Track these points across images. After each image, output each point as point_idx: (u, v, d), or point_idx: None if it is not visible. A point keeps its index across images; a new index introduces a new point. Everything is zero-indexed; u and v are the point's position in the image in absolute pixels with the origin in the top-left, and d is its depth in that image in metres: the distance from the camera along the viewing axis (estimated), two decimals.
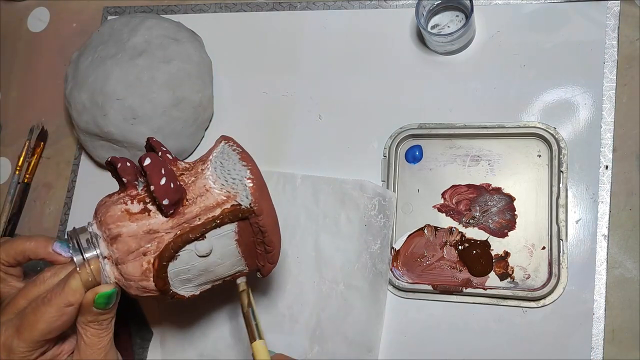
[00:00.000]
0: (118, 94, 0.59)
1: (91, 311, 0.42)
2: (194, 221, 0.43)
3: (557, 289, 0.52)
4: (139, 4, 0.72)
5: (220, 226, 0.44)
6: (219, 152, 0.47)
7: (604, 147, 0.54)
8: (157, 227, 0.43)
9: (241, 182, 0.44)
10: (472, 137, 0.57)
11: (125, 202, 0.44)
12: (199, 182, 0.45)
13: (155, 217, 0.43)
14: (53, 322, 0.41)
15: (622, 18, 0.56)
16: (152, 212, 0.43)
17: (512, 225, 0.55)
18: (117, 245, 0.43)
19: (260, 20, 0.67)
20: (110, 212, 0.43)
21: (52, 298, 0.41)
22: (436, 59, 0.60)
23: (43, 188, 0.70)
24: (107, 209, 0.44)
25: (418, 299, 0.55)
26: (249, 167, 0.45)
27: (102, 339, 0.44)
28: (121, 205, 0.44)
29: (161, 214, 0.43)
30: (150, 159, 0.43)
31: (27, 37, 0.77)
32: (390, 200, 0.57)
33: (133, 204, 0.44)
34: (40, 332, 0.41)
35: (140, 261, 0.43)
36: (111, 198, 0.45)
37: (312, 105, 0.63)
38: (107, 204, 0.44)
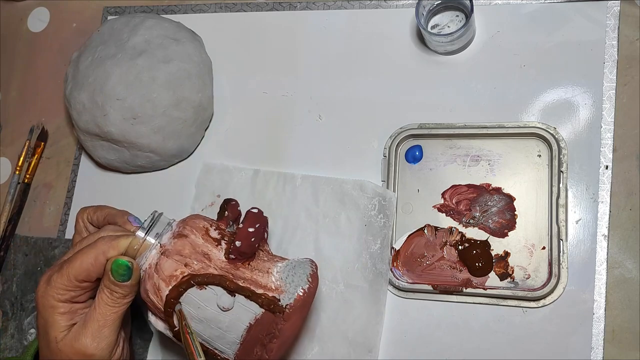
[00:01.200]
0: (118, 94, 0.59)
1: (108, 275, 0.46)
2: (239, 280, 0.46)
3: (557, 289, 0.52)
4: (139, 4, 0.72)
5: (252, 299, 0.46)
6: (298, 262, 0.49)
7: (604, 147, 0.54)
8: (214, 258, 0.47)
9: (294, 288, 0.46)
10: (472, 137, 0.57)
11: (212, 225, 0.49)
12: (268, 264, 0.48)
13: (220, 251, 0.47)
14: (87, 265, 0.46)
15: (622, 18, 0.56)
16: (220, 247, 0.47)
17: (512, 225, 0.55)
18: (177, 242, 0.47)
19: (260, 20, 0.67)
20: (197, 221, 0.48)
21: (97, 244, 0.46)
22: (436, 59, 0.60)
23: (43, 188, 0.70)
24: (197, 218, 0.49)
25: (418, 299, 0.55)
26: (310, 284, 0.47)
27: (110, 311, 0.46)
28: (207, 224, 0.49)
29: (224, 254, 0.47)
30: (259, 211, 0.49)
31: (27, 37, 0.77)
32: (391, 200, 0.57)
33: (215, 230, 0.49)
34: (76, 270, 0.46)
35: (178, 266, 0.46)
36: (205, 218, 0.50)
37: (312, 105, 0.63)
38: (200, 217, 0.49)
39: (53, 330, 0.46)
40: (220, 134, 0.65)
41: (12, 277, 0.67)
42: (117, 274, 0.46)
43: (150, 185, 0.65)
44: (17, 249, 0.68)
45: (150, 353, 0.60)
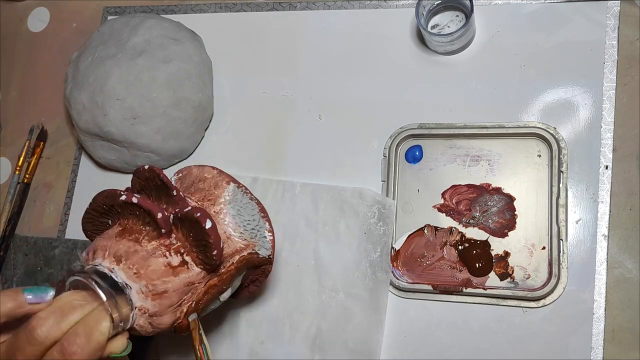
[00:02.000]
0: (118, 94, 0.59)
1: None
2: (219, 269, 0.44)
3: (557, 289, 0.52)
4: (139, 4, 0.72)
5: (240, 274, 0.46)
6: (231, 197, 0.46)
7: (604, 147, 0.54)
8: (194, 279, 0.43)
9: (261, 234, 0.46)
10: (472, 137, 0.57)
11: (164, 254, 0.42)
12: (220, 228, 0.44)
13: (192, 269, 0.43)
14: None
15: (622, 18, 0.56)
16: (189, 265, 0.43)
17: (512, 225, 0.55)
18: (161, 301, 0.41)
19: (260, 20, 0.67)
20: (153, 266, 0.41)
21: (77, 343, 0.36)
22: (436, 59, 0.60)
23: (43, 188, 0.70)
24: (146, 261, 0.41)
25: (418, 299, 0.55)
26: (267, 220, 0.46)
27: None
28: (162, 258, 0.42)
29: (196, 266, 0.43)
30: (211, 222, 0.41)
31: (27, 37, 0.77)
32: (390, 208, 0.57)
33: (171, 255, 0.42)
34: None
35: (175, 312, 0.43)
36: (143, 246, 0.42)
37: (312, 105, 0.63)
38: (144, 256, 0.41)
39: None
40: (220, 134, 0.65)
41: (12, 277, 0.67)
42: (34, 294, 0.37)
43: None
44: (17, 249, 0.68)
45: (150, 353, 0.60)
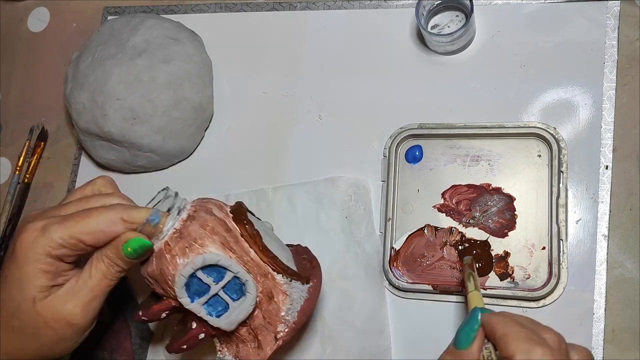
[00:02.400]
0: (118, 94, 0.59)
1: (117, 248, 0.42)
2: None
3: (557, 289, 0.52)
4: (139, 4, 0.72)
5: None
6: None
7: (604, 147, 0.54)
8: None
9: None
10: (472, 137, 0.57)
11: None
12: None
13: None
14: (99, 226, 0.42)
15: (622, 18, 0.56)
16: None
17: (512, 225, 0.55)
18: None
19: (260, 20, 0.67)
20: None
21: (114, 209, 0.43)
22: (436, 59, 0.60)
23: (43, 188, 0.70)
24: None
25: (418, 299, 0.55)
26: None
27: (106, 283, 0.43)
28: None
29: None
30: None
31: (27, 37, 0.77)
32: (365, 187, 0.58)
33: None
34: (84, 229, 0.41)
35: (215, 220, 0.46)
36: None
37: (312, 105, 0.63)
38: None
39: (31, 288, 0.42)
40: (220, 134, 0.65)
41: None
42: (134, 251, 0.43)
43: (150, 185, 0.65)
44: None
45: (150, 353, 0.60)
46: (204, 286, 0.44)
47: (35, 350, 0.43)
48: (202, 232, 0.44)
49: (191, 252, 0.43)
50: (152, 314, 0.45)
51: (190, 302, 0.44)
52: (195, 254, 0.43)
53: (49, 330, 0.43)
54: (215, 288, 0.44)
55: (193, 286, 0.44)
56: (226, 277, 0.44)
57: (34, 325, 0.42)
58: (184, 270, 0.43)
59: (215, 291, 0.44)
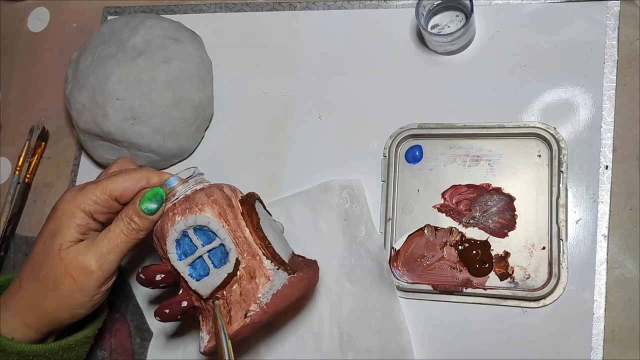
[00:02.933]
0: (118, 94, 0.59)
1: (134, 203, 0.48)
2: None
3: (557, 289, 0.52)
4: (139, 4, 0.72)
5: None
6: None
7: (604, 147, 0.54)
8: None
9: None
10: (472, 137, 0.57)
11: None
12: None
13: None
14: (127, 185, 0.49)
15: (622, 18, 0.56)
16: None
17: (512, 225, 0.55)
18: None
19: (260, 20, 0.67)
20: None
21: (141, 170, 0.50)
22: (436, 59, 0.60)
23: (43, 188, 0.70)
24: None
25: (418, 299, 0.55)
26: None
27: (123, 239, 0.48)
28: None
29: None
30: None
31: (27, 37, 0.77)
32: (358, 187, 0.58)
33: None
34: (114, 186, 0.49)
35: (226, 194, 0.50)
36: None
37: (312, 105, 0.63)
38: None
39: (61, 237, 0.48)
40: (220, 134, 0.65)
41: None
42: (148, 200, 0.48)
43: None
44: (17, 249, 0.68)
45: (150, 353, 0.60)
46: (193, 247, 0.47)
47: (56, 300, 0.48)
48: (205, 199, 0.48)
49: (190, 213, 0.47)
50: (149, 272, 0.49)
51: (177, 259, 0.47)
52: (192, 215, 0.47)
53: (68, 277, 0.47)
54: (202, 250, 0.47)
55: (183, 245, 0.48)
56: (214, 242, 0.47)
57: (56, 272, 0.47)
58: (177, 225, 0.47)
59: (201, 253, 0.47)
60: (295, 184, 0.61)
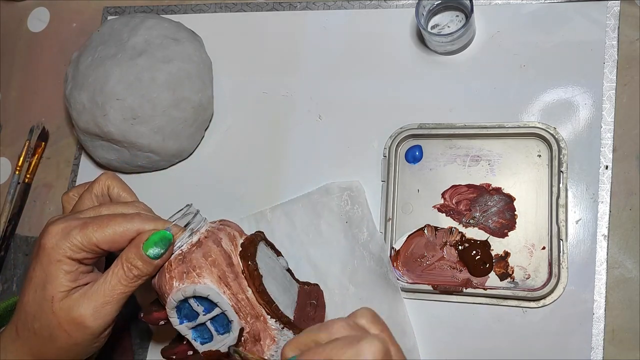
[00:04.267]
0: (118, 94, 0.59)
1: (137, 247, 0.43)
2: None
3: (557, 289, 0.52)
4: (139, 4, 0.72)
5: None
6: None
7: (604, 147, 0.54)
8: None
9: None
10: (472, 137, 0.57)
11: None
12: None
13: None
14: (118, 235, 0.43)
15: (622, 18, 0.56)
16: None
17: (512, 225, 0.55)
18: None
19: (260, 20, 0.67)
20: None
21: (134, 218, 0.44)
22: (436, 59, 0.60)
23: (43, 188, 0.70)
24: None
25: (418, 299, 0.55)
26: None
27: (121, 289, 0.44)
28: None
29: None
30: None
31: (27, 37, 0.77)
32: (358, 189, 0.58)
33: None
34: (103, 236, 0.43)
35: (230, 241, 0.46)
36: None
37: (312, 105, 0.63)
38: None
39: (52, 287, 0.43)
40: (220, 134, 0.65)
41: (12, 277, 0.67)
42: (155, 245, 0.43)
43: (150, 185, 0.65)
44: (17, 249, 0.68)
45: (150, 353, 0.60)
46: (194, 313, 0.45)
47: (54, 353, 0.44)
48: (203, 262, 0.44)
49: (187, 279, 0.44)
50: (151, 319, 0.47)
51: (178, 324, 0.45)
52: (190, 282, 0.44)
53: (63, 332, 0.44)
54: (203, 318, 0.45)
55: (184, 310, 0.45)
56: (215, 311, 0.45)
57: (50, 325, 0.44)
58: (175, 294, 0.44)
59: (203, 321, 0.45)
60: (295, 184, 0.61)
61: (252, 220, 0.61)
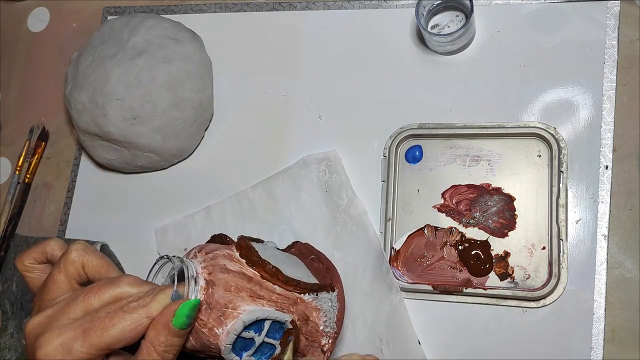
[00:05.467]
0: (118, 94, 0.59)
1: (167, 326, 0.38)
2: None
3: (557, 289, 0.52)
4: (139, 4, 0.72)
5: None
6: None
7: (604, 147, 0.54)
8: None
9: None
10: (472, 137, 0.57)
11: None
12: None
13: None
14: (128, 331, 0.37)
15: (622, 18, 0.56)
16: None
17: (512, 225, 0.55)
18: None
19: (260, 20, 0.67)
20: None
21: (136, 307, 0.38)
22: (436, 59, 0.60)
23: (43, 188, 0.70)
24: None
25: (418, 299, 0.55)
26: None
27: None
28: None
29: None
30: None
31: (27, 37, 0.77)
32: (335, 158, 0.59)
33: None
34: (112, 338, 0.37)
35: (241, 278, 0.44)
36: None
37: (312, 105, 0.63)
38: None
39: None
40: (220, 134, 0.65)
41: (12, 277, 0.67)
42: (188, 317, 0.38)
43: (150, 185, 0.65)
44: (17, 249, 0.68)
45: None
46: (248, 340, 0.44)
47: None
48: (229, 294, 0.42)
49: (227, 319, 0.42)
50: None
51: (240, 359, 0.43)
52: (231, 320, 0.42)
53: None
54: (259, 339, 0.44)
55: (238, 344, 0.43)
56: (266, 324, 0.44)
57: None
58: (227, 339, 0.42)
59: (260, 341, 0.44)
60: None
61: (234, 200, 0.61)
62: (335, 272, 0.50)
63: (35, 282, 0.44)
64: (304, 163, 0.60)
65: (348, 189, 0.58)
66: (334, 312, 0.47)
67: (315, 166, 0.60)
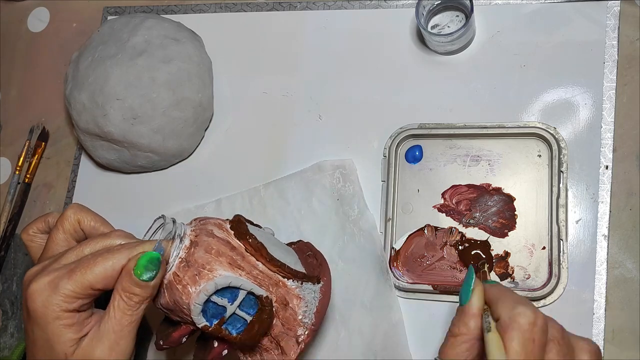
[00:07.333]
0: (118, 94, 0.59)
1: (129, 275, 0.41)
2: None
3: (557, 289, 0.52)
4: (139, 4, 0.72)
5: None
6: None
7: (604, 147, 0.54)
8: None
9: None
10: (472, 137, 0.57)
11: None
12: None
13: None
14: (110, 271, 0.41)
15: (622, 18, 0.56)
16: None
17: (512, 225, 0.55)
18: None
19: (260, 20, 0.67)
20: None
21: (120, 249, 0.42)
22: (436, 59, 0.60)
23: (43, 188, 0.70)
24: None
25: (418, 299, 0.55)
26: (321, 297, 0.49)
27: (127, 319, 0.42)
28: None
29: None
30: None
31: (27, 37, 0.77)
32: (350, 167, 0.59)
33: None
34: (95, 276, 0.41)
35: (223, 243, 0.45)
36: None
37: (312, 105, 0.63)
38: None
39: (61, 346, 0.41)
40: (220, 134, 0.65)
41: (12, 277, 0.67)
42: (146, 269, 0.41)
43: (150, 185, 0.65)
44: (17, 249, 0.68)
45: (150, 353, 0.60)
46: (220, 308, 0.44)
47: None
48: (208, 256, 0.43)
49: (201, 279, 0.43)
50: (173, 341, 0.46)
51: (210, 326, 0.44)
52: (205, 280, 0.43)
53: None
54: (232, 308, 0.44)
55: (209, 310, 0.44)
56: (240, 295, 0.44)
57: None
58: (198, 298, 0.43)
59: (232, 311, 0.44)
60: None
61: (245, 196, 0.61)
62: (327, 268, 0.50)
63: (38, 250, 0.49)
64: (318, 168, 0.60)
65: (360, 200, 0.58)
66: (315, 304, 0.46)
67: (329, 172, 0.59)
